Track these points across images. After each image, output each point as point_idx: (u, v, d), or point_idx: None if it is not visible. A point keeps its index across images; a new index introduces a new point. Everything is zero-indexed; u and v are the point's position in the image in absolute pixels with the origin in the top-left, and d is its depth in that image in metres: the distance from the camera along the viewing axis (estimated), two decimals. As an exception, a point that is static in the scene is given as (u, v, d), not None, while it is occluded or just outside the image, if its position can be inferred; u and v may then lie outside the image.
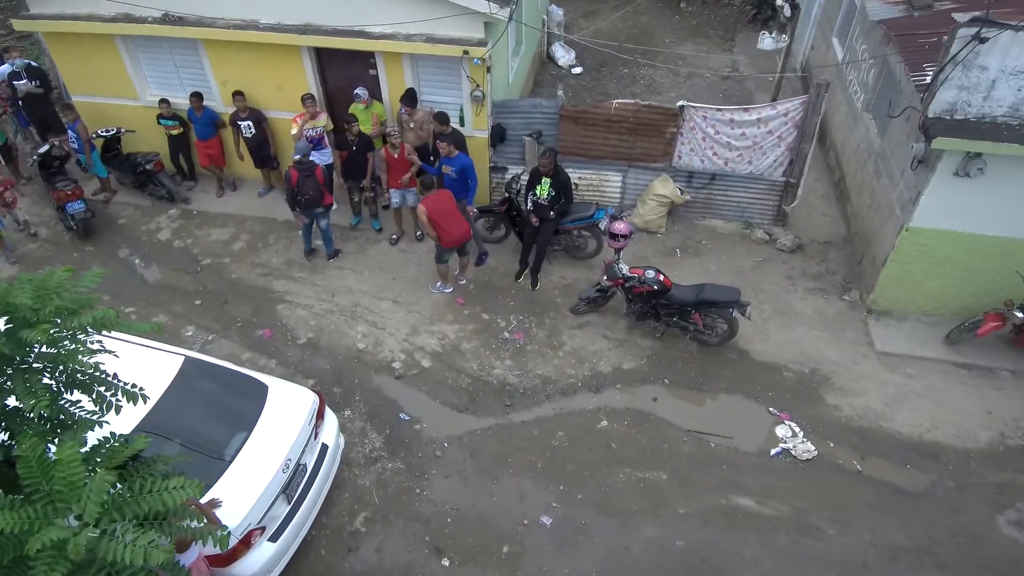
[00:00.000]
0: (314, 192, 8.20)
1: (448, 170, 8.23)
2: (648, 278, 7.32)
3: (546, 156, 7.77)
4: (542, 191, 8.00)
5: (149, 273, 9.06)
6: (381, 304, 8.48)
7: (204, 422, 5.71)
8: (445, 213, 7.76)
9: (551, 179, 7.92)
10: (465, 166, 8.15)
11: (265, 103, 9.49)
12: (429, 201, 7.62)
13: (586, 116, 8.82)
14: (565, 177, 7.99)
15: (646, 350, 7.84)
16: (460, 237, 7.97)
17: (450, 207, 7.81)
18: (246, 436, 5.68)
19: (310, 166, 8.13)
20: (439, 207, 7.67)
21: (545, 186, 7.97)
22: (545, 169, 7.82)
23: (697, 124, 8.74)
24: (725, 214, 9.50)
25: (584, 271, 8.88)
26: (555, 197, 8.01)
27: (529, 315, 8.28)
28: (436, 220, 7.71)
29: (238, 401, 5.97)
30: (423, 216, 7.63)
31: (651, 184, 9.18)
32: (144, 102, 10.00)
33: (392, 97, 9.06)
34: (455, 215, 7.90)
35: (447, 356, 7.80)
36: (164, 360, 6.01)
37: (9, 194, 9.05)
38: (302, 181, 8.18)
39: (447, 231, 7.83)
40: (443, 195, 7.74)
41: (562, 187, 7.99)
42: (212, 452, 5.55)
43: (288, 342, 8.02)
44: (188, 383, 5.88)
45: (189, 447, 5.51)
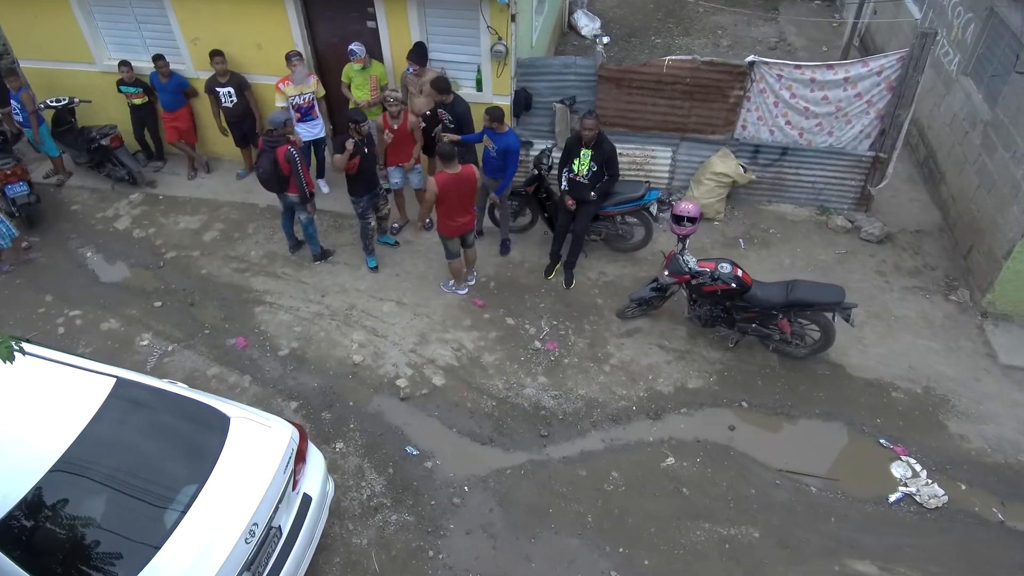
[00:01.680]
0: (266, 170, 6.57)
1: (489, 145, 6.65)
2: (723, 273, 5.72)
3: (590, 118, 6.18)
4: (581, 165, 6.42)
5: (101, 268, 7.48)
6: (382, 306, 6.89)
7: (137, 470, 4.13)
8: (459, 197, 6.19)
9: (593, 150, 6.34)
10: (510, 148, 6.54)
11: (242, 65, 7.91)
12: (446, 178, 6.05)
13: (631, 77, 7.23)
14: (610, 147, 6.40)
15: (715, 364, 6.25)
16: (461, 227, 6.43)
17: (467, 192, 6.23)
18: (196, 490, 4.10)
19: (274, 142, 6.53)
20: (455, 189, 6.09)
21: (585, 159, 6.39)
22: (588, 135, 6.23)
23: (769, 85, 7.15)
24: (797, 197, 7.90)
25: (629, 266, 7.29)
26: (597, 173, 6.43)
27: (564, 319, 6.69)
28: (444, 202, 6.15)
29: (188, 439, 4.39)
30: (430, 192, 6.07)
31: (708, 161, 7.59)
32: (101, 67, 8.44)
33: (395, 55, 7.47)
34: (468, 201, 6.33)
35: (465, 371, 6.21)
36: (87, 383, 4.42)
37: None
38: (261, 153, 6.63)
39: (451, 217, 6.29)
40: (466, 175, 6.15)
41: (606, 160, 6.41)
42: (145, 516, 3.97)
43: (267, 353, 6.44)
44: (118, 415, 4.31)
45: (113, 509, 3.94)
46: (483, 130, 6.69)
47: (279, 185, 6.73)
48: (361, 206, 6.81)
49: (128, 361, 6.39)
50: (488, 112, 6.45)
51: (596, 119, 6.20)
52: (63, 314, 6.90)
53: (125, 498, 4.00)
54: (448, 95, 6.75)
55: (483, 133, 6.70)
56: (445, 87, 6.71)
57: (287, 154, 6.49)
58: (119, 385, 4.45)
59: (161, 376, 6.15)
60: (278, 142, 6.51)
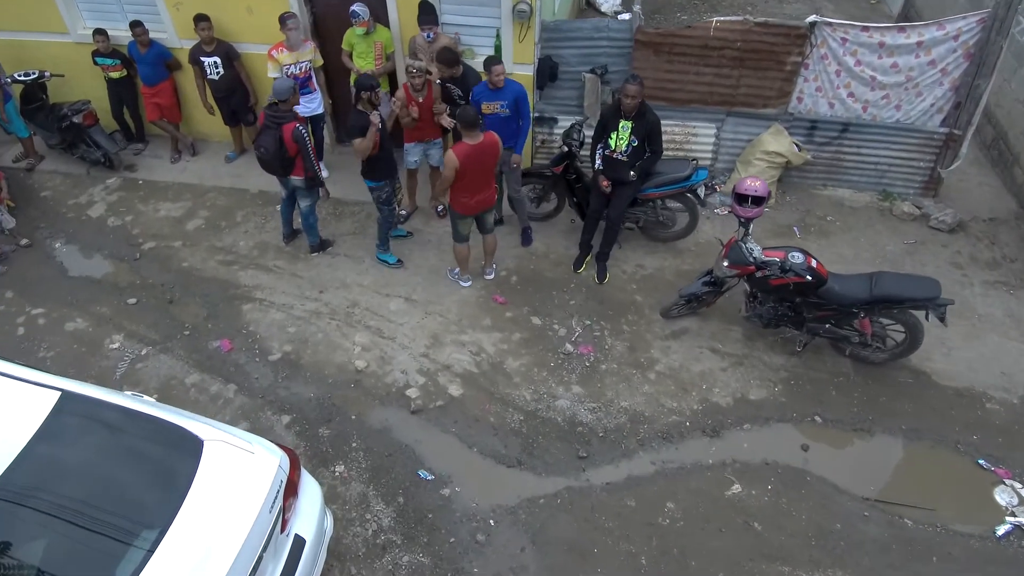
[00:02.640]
0: (269, 149, 5.67)
1: (494, 108, 5.74)
2: (795, 264, 4.83)
3: (634, 83, 5.29)
4: (619, 140, 5.53)
5: (71, 260, 6.60)
6: (388, 304, 6.01)
7: (84, 511, 3.24)
8: (481, 170, 5.32)
9: (634, 122, 5.45)
10: (519, 95, 5.69)
11: (230, 33, 7.02)
12: (467, 149, 5.17)
13: (672, 42, 6.34)
14: (654, 119, 5.50)
15: (779, 371, 5.35)
16: (479, 204, 5.56)
17: (490, 163, 5.37)
18: (158, 535, 3.21)
19: (280, 117, 5.63)
20: (477, 161, 5.22)
21: (624, 133, 5.50)
22: (629, 104, 5.34)
23: (831, 51, 6.24)
24: (857, 180, 7.00)
25: (670, 257, 6.39)
26: (637, 149, 5.55)
27: (598, 319, 5.80)
28: (463, 177, 5.27)
29: (150, 469, 3.50)
30: (449, 169, 5.19)
31: (758, 138, 6.69)
32: (75, 37, 7.55)
33: (403, 19, 6.58)
34: (489, 174, 5.47)
35: (486, 379, 5.32)
36: (24, 398, 3.54)
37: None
38: (263, 130, 5.73)
39: (470, 193, 5.43)
40: (489, 143, 5.29)
41: (649, 134, 5.52)
42: (92, 570, 3.09)
43: (255, 358, 5.55)
44: (62, 438, 3.42)
45: (49, 564, 3.06)
46: (474, 94, 5.81)
47: (283, 167, 5.84)
48: (386, 192, 5.92)
49: (95, 367, 5.52)
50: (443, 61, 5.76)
51: (640, 85, 5.31)
52: (24, 312, 6.02)
53: (65, 547, 3.13)
54: (457, 68, 5.87)
55: (477, 101, 5.77)
56: (453, 59, 5.81)
57: (295, 132, 5.60)
58: (65, 400, 3.55)
59: (133, 385, 5.30)
60: (284, 118, 5.63)
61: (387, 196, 5.92)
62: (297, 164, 5.83)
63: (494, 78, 5.60)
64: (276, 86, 5.63)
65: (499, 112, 5.70)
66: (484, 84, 5.68)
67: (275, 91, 5.62)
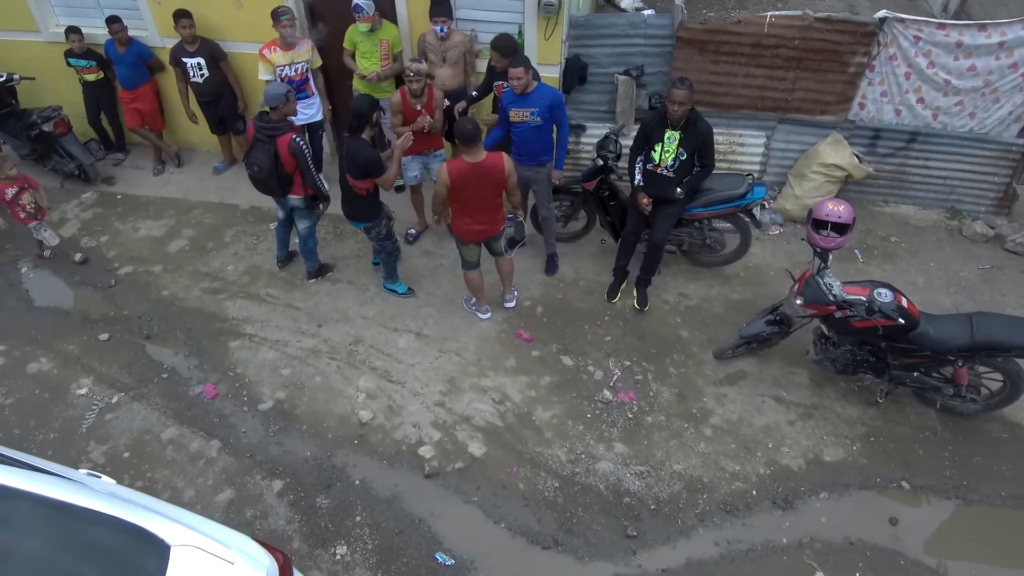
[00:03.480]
0: (263, 166, 4.89)
1: (524, 116, 4.95)
2: (883, 303, 4.06)
3: (682, 87, 4.52)
4: (664, 153, 4.77)
5: (37, 288, 5.83)
6: (397, 340, 5.24)
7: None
8: (478, 195, 4.55)
9: (682, 132, 4.69)
10: (554, 102, 4.90)
11: (216, 30, 6.26)
12: (462, 167, 4.42)
13: (720, 40, 5.57)
14: (706, 128, 4.74)
15: (855, 425, 4.58)
16: (481, 233, 4.80)
17: (490, 189, 4.56)
18: None
19: (274, 129, 4.84)
20: (473, 182, 4.47)
21: (671, 145, 4.73)
22: (677, 112, 4.58)
23: (901, 51, 5.48)
24: (922, 196, 6.23)
25: (716, 285, 5.62)
26: (686, 163, 4.78)
27: (639, 358, 5.04)
28: (457, 198, 4.54)
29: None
30: (440, 185, 4.49)
31: (814, 149, 5.92)
32: (47, 35, 6.79)
33: (413, 14, 5.81)
34: (491, 201, 4.66)
35: (512, 435, 4.55)
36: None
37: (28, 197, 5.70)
38: (253, 144, 4.94)
39: (468, 217, 4.68)
40: (490, 166, 4.48)
41: (701, 146, 4.76)
42: None
43: (243, 407, 4.79)
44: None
45: None
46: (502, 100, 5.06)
47: (280, 186, 5.06)
48: (384, 226, 5.16)
49: (59, 418, 4.75)
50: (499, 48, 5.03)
51: (690, 89, 4.54)
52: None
53: None
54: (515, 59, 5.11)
55: (504, 109, 5.03)
56: (512, 47, 5.05)
57: (292, 145, 4.80)
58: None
59: (102, 441, 4.54)
60: (278, 129, 4.82)
61: (387, 230, 5.17)
62: (296, 181, 5.07)
63: (513, 82, 4.83)
64: (267, 92, 4.84)
65: (529, 121, 4.93)
66: (511, 89, 4.90)
67: (266, 98, 4.83)
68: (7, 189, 5.56)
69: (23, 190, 5.65)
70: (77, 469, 4.33)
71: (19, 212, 5.66)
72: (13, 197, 5.59)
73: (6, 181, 5.55)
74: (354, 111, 4.61)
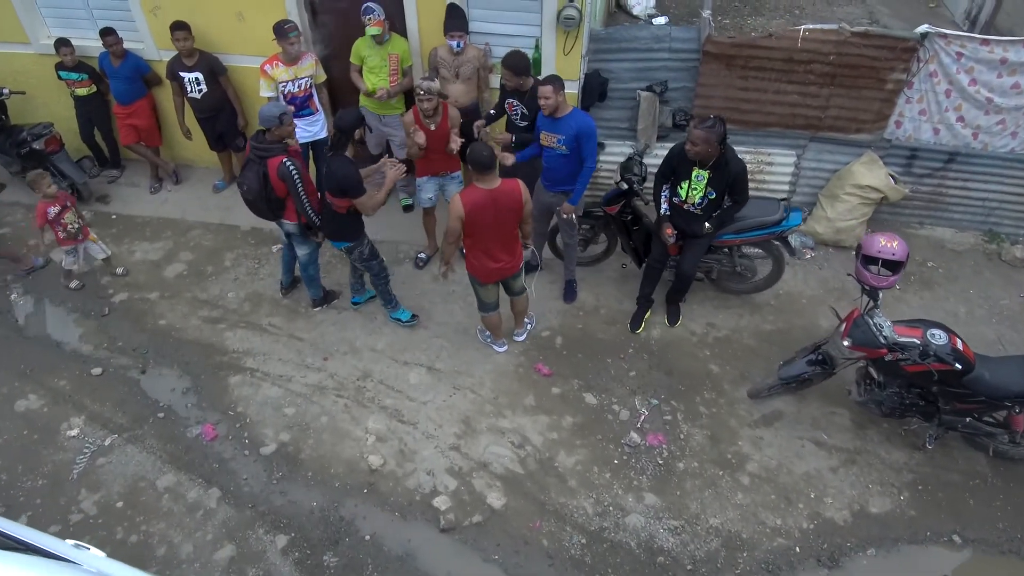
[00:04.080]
0: (251, 188, 4.61)
1: (551, 142, 4.65)
2: (938, 346, 3.75)
3: (702, 128, 4.11)
4: (692, 191, 4.42)
5: (28, 317, 5.52)
6: (407, 374, 4.93)
7: None
8: (495, 226, 4.22)
9: (711, 172, 4.33)
10: (581, 132, 4.54)
11: (216, 42, 5.95)
12: (477, 196, 4.09)
13: (749, 55, 5.25)
14: (738, 168, 4.33)
15: (901, 472, 4.27)
16: (498, 272, 4.47)
17: (509, 218, 4.24)
18: None
19: (266, 150, 4.52)
20: (490, 212, 4.14)
21: (699, 184, 4.38)
22: (698, 151, 4.21)
23: (942, 67, 5.16)
24: (959, 219, 5.92)
25: (747, 314, 5.30)
26: (715, 201, 4.45)
27: (667, 396, 4.73)
28: (472, 233, 4.20)
29: None
30: (453, 218, 4.13)
31: (847, 168, 5.61)
32: (38, 47, 6.47)
33: (423, 27, 5.50)
34: (509, 233, 4.33)
35: (534, 483, 4.24)
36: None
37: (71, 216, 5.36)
38: (246, 163, 4.66)
39: (484, 253, 4.34)
40: (506, 192, 4.15)
41: (732, 185, 4.39)
42: None
43: (244, 450, 4.47)
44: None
45: None
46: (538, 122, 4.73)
47: (271, 210, 4.77)
48: (367, 246, 4.81)
49: (48, 462, 4.45)
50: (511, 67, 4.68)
51: (711, 130, 4.11)
52: (-35, 386, 4.96)
53: None
54: (527, 79, 4.79)
55: (538, 128, 4.73)
56: (524, 66, 4.73)
57: (281, 169, 4.49)
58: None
59: (94, 489, 4.23)
60: (270, 151, 4.52)
61: (370, 249, 4.82)
62: (288, 206, 4.77)
63: (541, 102, 4.50)
64: (262, 112, 4.50)
65: (556, 148, 4.62)
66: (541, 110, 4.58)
67: (260, 118, 4.51)
68: (49, 208, 5.23)
69: (65, 208, 5.32)
70: (68, 520, 4.09)
71: (59, 232, 5.33)
72: (55, 216, 5.27)
73: (47, 200, 5.21)
74: (336, 126, 4.36)
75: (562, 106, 4.51)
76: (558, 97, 4.42)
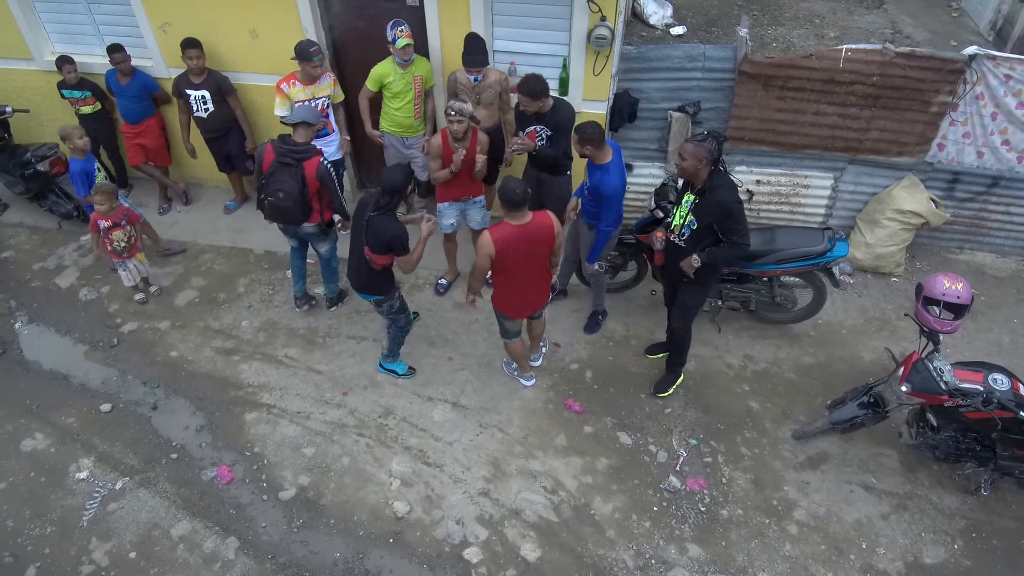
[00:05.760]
0: (290, 192, 4.45)
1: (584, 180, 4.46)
2: (1002, 392, 3.53)
3: (699, 142, 3.70)
4: (680, 218, 4.02)
5: (33, 348, 5.29)
6: (432, 411, 4.71)
7: None
8: (526, 262, 3.98)
9: (697, 198, 3.89)
10: (603, 193, 4.22)
11: (228, 60, 5.73)
12: (507, 232, 3.84)
13: (787, 74, 5.03)
14: (725, 199, 3.75)
15: (954, 518, 4.05)
16: (528, 308, 4.28)
17: (540, 253, 4.01)
18: None
19: (303, 152, 4.43)
20: (523, 249, 3.90)
21: (684, 210, 3.97)
22: (685, 167, 3.78)
23: (989, 90, 4.95)
24: (1000, 243, 5.71)
25: (785, 346, 5.08)
26: (698, 235, 3.93)
27: (707, 435, 4.51)
28: (503, 270, 3.97)
29: None
30: (481, 256, 3.88)
31: (887, 192, 5.40)
32: (42, 64, 6.26)
33: (446, 48, 5.28)
34: (540, 268, 4.11)
35: (569, 532, 4.02)
36: None
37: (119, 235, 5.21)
38: (276, 169, 4.46)
39: (514, 288, 4.10)
40: (538, 228, 3.90)
41: (721, 221, 3.84)
42: None
43: (262, 495, 4.25)
44: None
45: None
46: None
47: (303, 212, 4.63)
48: (398, 299, 4.51)
49: (56, 507, 4.23)
50: (578, 132, 4.20)
51: (700, 145, 3.67)
52: (-34, 424, 4.73)
53: None
54: (546, 100, 4.56)
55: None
56: (541, 89, 4.48)
57: (321, 168, 4.48)
58: None
59: (104, 537, 4.01)
60: (307, 152, 4.46)
61: (400, 303, 4.55)
62: (315, 207, 4.68)
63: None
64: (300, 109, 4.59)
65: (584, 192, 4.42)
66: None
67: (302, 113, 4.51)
68: (100, 221, 5.10)
69: (117, 227, 5.16)
70: (79, 572, 3.88)
71: (107, 244, 5.20)
72: (105, 230, 5.14)
73: (102, 213, 5.07)
74: (386, 187, 3.95)
75: (596, 155, 4.22)
76: (583, 149, 4.18)
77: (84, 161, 5.39)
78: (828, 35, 10.19)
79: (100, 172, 5.59)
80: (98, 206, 5.03)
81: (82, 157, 5.36)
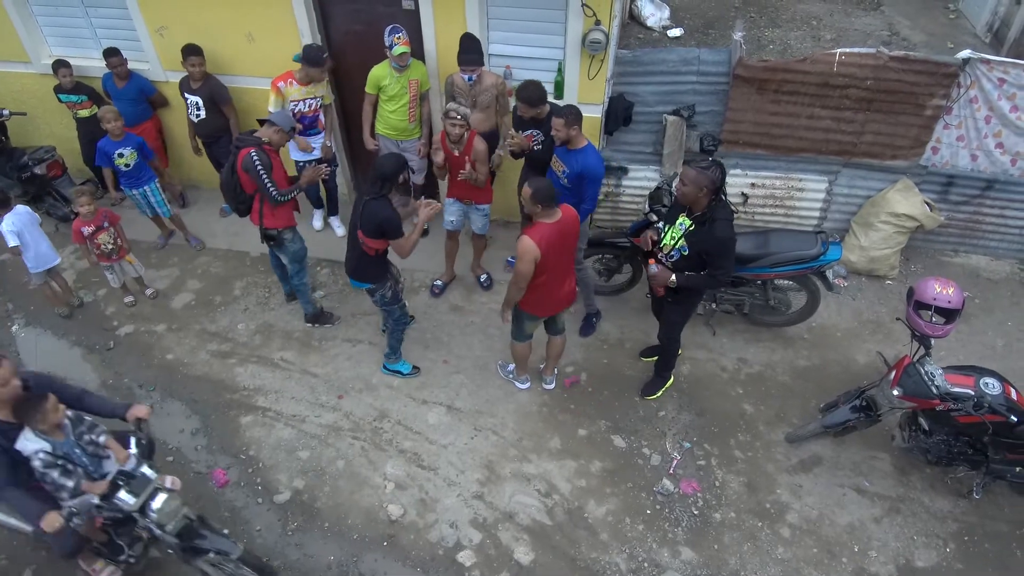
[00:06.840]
0: (224, 179, 4.58)
1: (559, 171, 4.47)
2: (992, 397, 3.55)
3: (703, 169, 3.59)
4: (671, 239, 3.98)
5: (29, 351, 5.31)
6: (426, 414, 4.72)
7: None
8: (562, 255, 3.99)
9: (694, 224, 3.81)
10: (585, 174, 4.30)
11: (224, 63, 5.74)
12: (546, 232, 3.81)
13: (782, 78, 5.05)
14: (723, 235, 3.69)
15: (946, 521, 4.07)
16: (562, 300, 4.24)
17: (572, 244, 4.05)
18: None
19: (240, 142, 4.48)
20: (559, 245, 3.89)
21: (678, 232, 3.92)
22: (685, 193, 3.71)
23: (983, 93, 4.97)
24: (995, 246, 5.73)
25: (779, 348, 5.10)
26: (688, 259, 3.88)
27: (700, 438, 4.52)
28: (546, 267, 3.91)
29: None
30: (525, 263, 3.83)
31: (882, 196, 5.41)
32: (40, 67, 6.27)
33: (441, 51, 5.29)
34: (571, 258, 4.15)
35: (563, 536, 4.03)
36: None
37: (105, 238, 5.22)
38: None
39: (549, 289, 4.07)
40: (568, 220, 3.91)
41: (709, 252, 3.79)
42: None
43: (257, 499, 4.27)
44: None
45: None
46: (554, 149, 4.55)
47: (236, 203, 4.66)
48: (390, 288, 4.49)
49: (50, 510, 4.22)
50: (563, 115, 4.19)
51: (703, 172, 3.58)
52: (-35, 424, 4.73)
53: None
54: (543, 107, 4.58)
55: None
56: (540, 96, 4.50)
57: (246, 160, 4.38)
58: None
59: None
60: (244, 142, 4.46)
61: (392, 291, 4.51)
62: (266, 211, 4.61)
63: (552, 133, 4.31)
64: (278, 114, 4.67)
65: (560, 177, 4.45)
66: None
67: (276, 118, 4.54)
68: (83, 227, 5.09)
69: (101, 229, 5.16)
70: None
71: (94, 250, 5.21)
72: (90, 235, 5.13)
73: (84, 218, 5.06)
74: (379, 174, 3.99)
75: (575, 139, 4.29)
76: (569, 131, 4.22)
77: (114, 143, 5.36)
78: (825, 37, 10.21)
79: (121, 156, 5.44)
80: (81, 208, 5.00)
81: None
